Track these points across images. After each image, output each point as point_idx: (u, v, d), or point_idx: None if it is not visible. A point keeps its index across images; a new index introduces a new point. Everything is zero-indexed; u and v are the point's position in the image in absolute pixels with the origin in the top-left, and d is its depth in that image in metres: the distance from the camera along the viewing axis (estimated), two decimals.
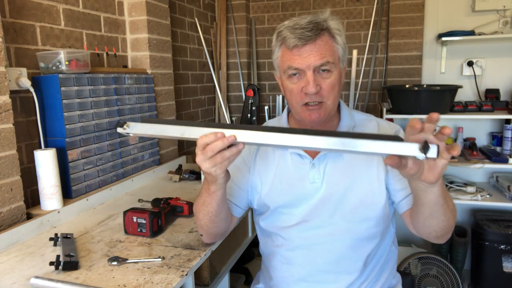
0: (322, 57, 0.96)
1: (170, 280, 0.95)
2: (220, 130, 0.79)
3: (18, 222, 1.27)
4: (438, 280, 2.28)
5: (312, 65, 0.96)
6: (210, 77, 2.96)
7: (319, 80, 0.97)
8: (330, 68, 0.97)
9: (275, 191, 1.09)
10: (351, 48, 2.94)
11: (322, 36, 0.97)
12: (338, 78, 1.00)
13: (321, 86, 0.97)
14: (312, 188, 1.05)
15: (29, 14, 1.42)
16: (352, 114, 1.12)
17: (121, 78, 1.73)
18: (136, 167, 1.85)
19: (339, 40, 1.00)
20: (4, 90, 1.22)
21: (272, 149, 1.12)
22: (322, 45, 0.96)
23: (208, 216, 1.00)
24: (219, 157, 0.81)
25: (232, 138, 0.78)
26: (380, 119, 1.12)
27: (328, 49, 0.97)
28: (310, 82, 0.96)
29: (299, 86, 0.98)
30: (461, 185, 2.46)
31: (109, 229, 1.31)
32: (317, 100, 0.99)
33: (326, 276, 1.06)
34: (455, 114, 2.31)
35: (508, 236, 2.24)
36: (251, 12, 3.18)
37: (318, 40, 0.96)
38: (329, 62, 0.97)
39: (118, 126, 0.87)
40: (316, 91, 0.96)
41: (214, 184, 0.91)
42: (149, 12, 1.95)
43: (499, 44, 2.59)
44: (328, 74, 0.98)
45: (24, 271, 1.03)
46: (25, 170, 1.39)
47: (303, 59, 0.96)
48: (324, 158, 1.05)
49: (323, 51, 0.96)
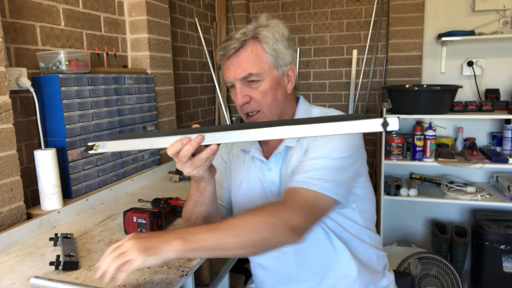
0: (243, 70, 0.98)
1: (170, 280, 0.95)
2: (185, 136, 0.82)
3: (18, 222, 1.27)
4: (438, 280, 2.28)
5: (236, 77, 0.99)
6: (210, 77, 2.96)
7: (248, 90, 1.00)
8: (256, 78, 0.99)
9: (242, 194, 1.11)
10: (351, 48, 2.94)
11: (247, 46, 0.99)
12: (271, 85, 1.00)
13: (251, 96, 1.00)
14: (271, 191, 1.07)
15: (29, 14, 1.42)
16: (311, 110, 1.10)
17: (121, 78, 1.73)
18: (136, 167, 1.85)
19: (267, 48, 0.99)
20: (4, 90, 1.22)
21: (241, 154, 1.14)
22: (246, 57, 0.98)
23: (202, 216, 1.01)
24: (197, 160, 0.84)
25: (199, 138, 0.81)
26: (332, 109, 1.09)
27: (251, 60, 0.98)
28: (237, 94, 1.00)
29: (235, 97, 1.02)
30: (461, 185, 2.46)
31: (109, 229, 1.30)
32: (251, 110, 1.01)
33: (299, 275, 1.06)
34: (455, 114, 2.31)
35: (508, 236, 2.24)
36: (251, 12, 3.18)
37: (241, 51, 0.98)
38: (252, 73, 0.98)
39: (88, 150, 0.91)
40: (243, 102, 1.00)
41: (202, 181, 0.93)
42: (149, 12, 1.95)
43: (499, 44, 2.59)
44: (257, 84, 1.00)
45: (24, 271, 1.03)
46: (25, 170, 1.39)
47: (230, 73, 1.00)
48: (276, 159, 1.06)
49: (246, 63, 0.98)
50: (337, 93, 3.03)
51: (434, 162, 2.33)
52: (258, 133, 0.78)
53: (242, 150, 1.15)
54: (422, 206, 2.71)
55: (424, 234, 2.78)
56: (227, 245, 0.81)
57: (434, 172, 2.69)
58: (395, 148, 2.40)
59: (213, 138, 0.82)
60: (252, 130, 0.79)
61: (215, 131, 0.82)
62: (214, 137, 0.82)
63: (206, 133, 0.82)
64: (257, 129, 0.78)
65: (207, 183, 0.94)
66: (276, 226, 0.83)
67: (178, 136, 0.83)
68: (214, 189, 0.97)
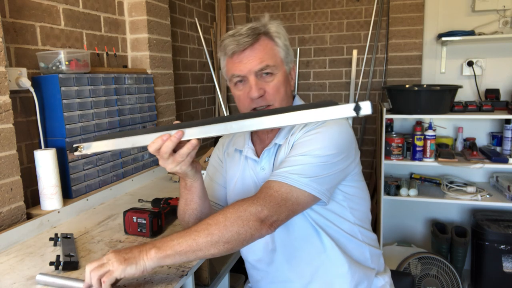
0: (261, 61, 0.98)
1: (170, 280, 0.95)
2: (166, 132, 0.84)
3: (18, 222, 1.27)
4: (438, 280, 2.28)
5: (252, 70, 0.98)
6: (210, 77, 2.96)
7: (262, 84, 0.99)
8: (271, 71, 0.99)
9: (236, 193, 1.12)
10: (351, 48, 2.94)
11: (261, 41, 0.99)
12: (283, 79, 1.01)
13: (265, 89, 0.99)
14: None
15: (29, 14, 1.42)
16: None
17: (121, 78, 1.73)
18: (136, 167, 1.85)
19: (279, 42, 1.02)
20: (4, 90, 1.22)
21: (235, 153, 1.14)
22: (261, 49, 0.99)
23: (194, 214, 1.02)
24: (178, 155, 0.85)
25: (179, 134, 0.83)
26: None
27: (267, 52, 0.99)
28: (252, 87, 0.98)
29: (245, 92, 1.00)
30: (461, 185, 2.46)
31: (109, 229, 1.30)
32: (263, 104, 1.00)
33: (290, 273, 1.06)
34: (455, 114, 2.31)
35: (508, 236, 2.24)
36: (251, 12, 3.18)
37: (256, 44, 0.99)
38: (269, 65, 0.98)
39: (73, 151, 0.95)
40: (259, 95, 0.98)
41: (188, 178, 0.95)
42: (149, 12, 1.95)
43: (499, 44, 2.59)
44: (271, 77, 1.00)
45: (24, 271, 1.03)
46: (25, 170, 1.39)
47: (244, 65, 0.98)
48: (269, 157, 1.06)
49: (262, 55, 0.98)
50: (337, 93, 3.03)
51: (434, 162, 2.33)
52: (236, 126, 0.79)
53: (236, 149, 1.15)
54: (422, 206, 2.72)
55: (424, 234, 2.78)
56: (201, 246, 0.83)
57: (434, 172, 2.69)
58: (395, 148, 2.40)
59: (192, 133, 0.83)
60: (230, 123, 0.80)
61: (194, 126, 0.83)
62: (194, 132, 0.83)
63: (186, 128, 0.83)
64: (234, 122, 0.79)
65: (193, 180, 0.96)
66: (245, 220, 0.84)
67: (159, 133, 0.85)
68: (201, 185, 0.98)
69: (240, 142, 1.13)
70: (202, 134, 0.83)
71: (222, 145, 1.21)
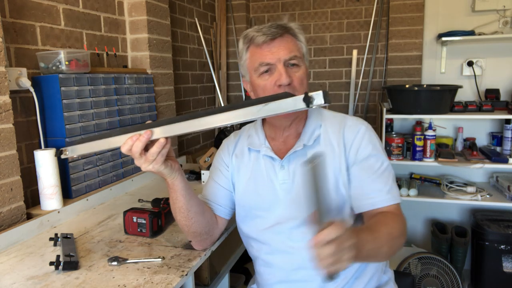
0: (290, 52, 1.02)
1: (170, 280, 0.95)
2: (136, 133, 0.87)
3: (18, 222, 1.27)
4: (438, 280, 2.28)
5: (282, 58, 1.01)
6: (210, 77, 2.96)
7: (289, 72, 1.02)
8: (298, 62, 1.03)
9: (249, 192, 1.12)
10: (351, 48, 2.94)
11: (287, 34, 1.04)
12: (305, 73, 1.06)
13: (292, 78, 1.02)
14: (283, 189, 1.07)
15: (29, 14, 1.42)
16: (321, 111, 1.14)
17: (121, 78, 1.73)
18: (136, 167, 1.83)
19: (302, 39, 1.07)
20: (4, 90, 1.22)
21: (248, 151, 1.15)
22: (288, 41, 1.04)
23: (181, 212, 1.03)
24: (149, 155, 0.88)
25: (147, 133, 0.86)
26: (349, 116, 1.13)
27: (294, 45, 1.04)
28: (282, 74, 1.00)
29: (272, 81, 1.02)
30: (461, 185, 2.46)
31: (109, 229, 1.30)
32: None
33: (306, 274, 1.06)
34: (455, 114, 2.31)
35: (508, 236, 2.24)
36: (251, 12, 3.18)
37: (285, 36, 1.04)
38: (296, 56, 1.03)
39: (59, 155, 1.00)
40: (288, 82, 1.01)
41: (166, 177, 0.97)
42: (149, 12, 1.95)
43: (499, 44, 2.59)
44: (297, 68, 1.03)
45: (24, 271, 1.03)
46: (25, 170, 1.39)
47: (273, 54, 1.01)
48: (293, 157, 1.07)
49: (291, 47, 1.03)
50: (337, 93, 3.03)
51: (434, 162, 2.33)
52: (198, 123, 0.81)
53: (249, 149, 1.14)
54: (422, 206, 2.71)
55: (424, 234, 2.78)
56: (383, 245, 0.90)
57: (434, 172, 2.69)
58: (395, 148, 2.40)
59: (160, 132, 0.86)
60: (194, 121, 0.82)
61: (162, 125, 0.86)
62: (161, 131, 0.86)
63: (154, 128, 0.87)
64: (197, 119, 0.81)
65: (172, 178, 0.97)
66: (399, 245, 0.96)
67: (130, 133, 0.88)
68: (182, 183, 0.99)
69: (255, 142, 1.14)
70: (168, 133, 0.86)
71: (227, 147, 1.20)
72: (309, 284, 1.06)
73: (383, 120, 2.34)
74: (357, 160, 1.03)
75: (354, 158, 1.04)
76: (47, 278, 0.99)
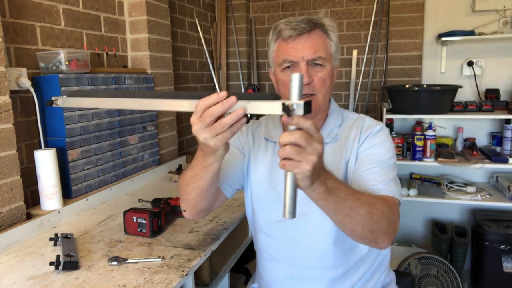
0: (315, 52, 0.99)
1: (170, 280, 0.95)
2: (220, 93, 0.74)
3: (18, 222, 1.27)
4: (438, 280, 2.28)
5: (305, 57, 0.99)
6: (210, 77, 2.96)
7: (311, 72, 1.00)
8: (322, 63, 1.00)
9: (264, 183, 1.10)
10: (351, 48, 2.94)
11: (317, 30, 1.01)
12: (329, 73, 1.02)
13: (313, 78, 1.00)
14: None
15: (29, 14, 1.42)
16: (341, 112, 1.14)
17: (121, 78, 1.73)
18: (136, 167, 1.85)
19: (333, 37, 1.03)
20: (4, 90, 1.22)
21: (265, 142, 1.13)
22: (316, 39, 1.00)
23: (198, 190, 0.95)
24: (218, 125, 0.73)
25: (232, 100, 0.71)
26: (367, 116, 1.12)
27: (321, 43, 1.00)
28: (303, 73, 0.98)
29: None
30: (461, 185, 2.46)
31: (109, 229, 1.31)
32: (308, 92, 1.01)
33: (312, 272, 1.06)
34: (455, 114, 2.31)
35: (508, 236, 2.24)
36: (251, 12, 3.18)
37: (313, 33, 1.00)
38: (321, 57, 1.00)
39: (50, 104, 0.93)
40: (308, 82, 0.99)
41: (212, 156, 0.84)
42: (149, 12, 1.95)
43: (499, 44, 2.59)
44: (321, 68, 1.01)
45: (24, 271, 1.03)
46: (25, 170, 1.39)
47: (297, 51, 0.99)
48: None
49: (317, 46, 0.99)
50: (337, 93, 3.03)
51: (434, 162, 2.33)
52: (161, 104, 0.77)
53: (265, 139, 1.13)
54: (422, 206, 2.71)
55: (424, 234, 2.78)
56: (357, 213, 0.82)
57: (434, 172, 2.69)
58: (395, 148, 2.40)
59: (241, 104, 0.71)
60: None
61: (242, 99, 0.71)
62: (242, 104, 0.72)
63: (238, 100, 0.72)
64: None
65: (215, 160, 0.85)
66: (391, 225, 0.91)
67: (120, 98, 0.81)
68: (219, 167, 0.89)
69: (272, 133, 1.12)
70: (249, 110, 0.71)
71: (246, 131, 1.18)
72: (317, 283, 1.05)
73: (383, 120, 2.34)
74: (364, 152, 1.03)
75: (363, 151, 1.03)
76: (47, 278, 0.99)
